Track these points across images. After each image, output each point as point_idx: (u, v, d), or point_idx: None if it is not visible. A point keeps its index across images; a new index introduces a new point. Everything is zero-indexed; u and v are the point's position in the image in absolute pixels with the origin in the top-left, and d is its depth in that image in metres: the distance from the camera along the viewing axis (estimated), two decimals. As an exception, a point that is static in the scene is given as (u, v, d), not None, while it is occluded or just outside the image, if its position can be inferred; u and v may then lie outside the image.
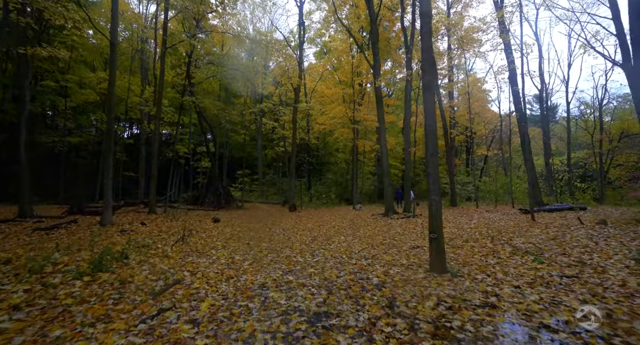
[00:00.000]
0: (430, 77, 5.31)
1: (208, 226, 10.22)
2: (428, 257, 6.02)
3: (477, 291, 4.00)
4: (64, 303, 3.03)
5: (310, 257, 6.03)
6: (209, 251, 6.15)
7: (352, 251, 6.62)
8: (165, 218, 11.53)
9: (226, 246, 6.82)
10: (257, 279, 4.51)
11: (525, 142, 14.15)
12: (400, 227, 10.37)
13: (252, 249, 6.70)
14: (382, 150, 13.06)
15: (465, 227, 9.63)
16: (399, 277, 4.71)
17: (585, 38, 16.90)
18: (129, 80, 19.74)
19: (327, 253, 6.43)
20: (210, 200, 19.37)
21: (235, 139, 31.44)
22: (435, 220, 5.10)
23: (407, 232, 9.11)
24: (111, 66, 8.70)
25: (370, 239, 8.23)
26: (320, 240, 8.03)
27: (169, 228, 9.20)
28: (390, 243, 7.50)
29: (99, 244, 6.25)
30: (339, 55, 19.51)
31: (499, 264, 5.20)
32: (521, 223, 9.31)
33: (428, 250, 5.86)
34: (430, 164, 5.20)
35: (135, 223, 9.67)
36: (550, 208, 12.44)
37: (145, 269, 4.44)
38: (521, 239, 6.85)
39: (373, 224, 11.33)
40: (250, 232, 9.32)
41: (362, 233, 9.29)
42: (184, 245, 6.56)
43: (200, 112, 18.65)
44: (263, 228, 10.24)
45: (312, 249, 6.93)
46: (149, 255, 5.31)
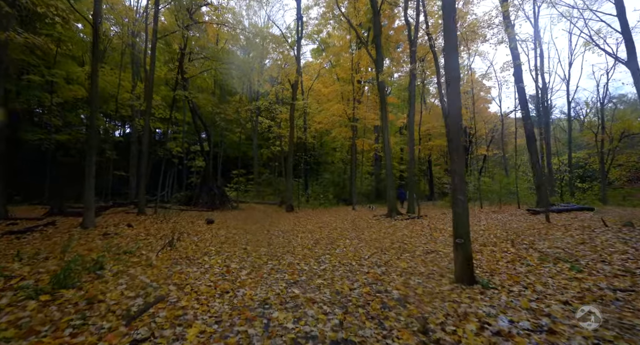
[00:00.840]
0: (456, 65, 4.64)
1: (201, 228, 9.43)
2: (447, 263, 5.37)
3: (520, 308, 3.33)
4: (2, 336, 2.27)
5: (315, 265, 5.31)
6: (201, 258, 5.39)
7: (361, 257, 5.91)
8: (155, 219, 10.70)
9: (220, 252, 6.07)
10: (257, 293, 3.78)
11: (531, 140, 13.60)
12: (406, 228, 9.70)
13: (250, 254, 5.96)
14: (385, 148, 12.40)
15: (477, 229, 9.00)
16: (422, 290, 4.02)
17: (589, 35, 16.45)
18: (120, 75, 18.77)
19: (333, 259, 5.72)
20: (204, 200, 18.53)
21: (230, 138, 30.60)
22: (461, 224, 4.43)
23: (416, 235, 8.44)
24: (94, 53, 7.88)
25: (378, 242, 7.54)
26: (324, 244, 7.31)
27: (157, 230, 8.40)
28: (400, 247, 6.82)
29: (75, 250, 5.45)
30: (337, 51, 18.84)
31: (532, 273, 4.54)
32: (536, 225, 8.70)
33: (446, 255, 5.20)
34: (454, 159, 4.53)
35: (121, 225, 8.84)
36: (558, 209, 11.89)
37: (123, 282, 3.68)
38: (545, 242, 6.22)
39: (377, 225, 10.64)
40: (247, 234, 8.56)
41: (367, 235, 8.60)
42: (173, 251, 5.79)
43: (194, 109, 17.81)
44: (260, 230, 9.49)
45: (316, 254, 6.21)
46: (129, 264, 4.53)
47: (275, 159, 32.16)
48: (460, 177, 4.48)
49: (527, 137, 13.83)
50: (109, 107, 22.29)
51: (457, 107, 4.65)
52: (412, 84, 13.02)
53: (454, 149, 4.55)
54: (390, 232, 9.25)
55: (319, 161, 31.83)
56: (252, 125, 27.66)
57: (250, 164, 29.83)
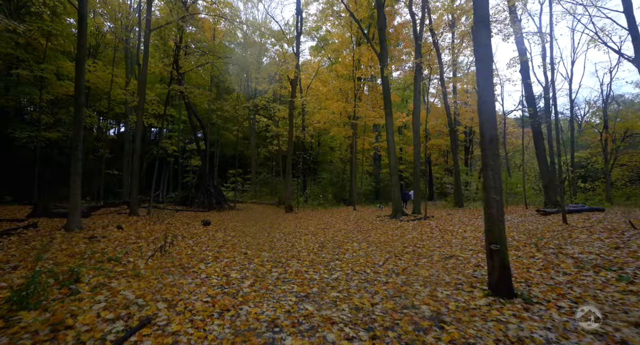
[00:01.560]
0: (487, 41, 4.05)
1: (197, 230, 8.76)
2: (472, 271, 4.78)
3: (584, 333, 2.74)
4: None
5: (326, 273, 4.69)
6: (197, 266, 4.74)
7: (375, 263, 5.31)
8: (147, 221, 10.00)
9: (218, 258, 5.42)
10: (264, 310, 3.15)
11: (539, 139, 13.13)
12: (414, 230, 9.12)
13: (251, 261, 5.32)
14: (389, 145, 11.80)
15: (489, 230, 8.41)
16: (454, 305, 3.42)
17: (595, 31, 16.03)
18: (112, 71, 17.98)
19: (345, 266, 5.10)
20: (201, 200, 17.81)
21: (227, 137, 29.86)
22: (496, 227, 3.83)
23: (427, 237, 7.86)
24: (79, 42, 7.17)
25: (388, 245, 6.94)
26: (331, 248, 6.69)
27: (149, 233, 7.71)
28: (414, 251, 6.22)
29: (53, 256, 4.78)
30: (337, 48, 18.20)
31: (574, 284, 3.96)
32: (553, 226, 8.16)
33: (467, 261, 4.50)
34: (488, 153, 3.93)
35: (110, 227, 8.14)
36: (568, 209, 11.38)
37: (101, 299, 3.02)
38: (574, 247, 5.66)
39: (382, 227, 10.05)
40: (247, 237, 7.91)
41: (374, 238, 8.00)
42: (165, 257, 5.13)
43: (189, 105, 17.09)
44: (261, 232, 8.84)
45: (324, 259, 5.59)
46: (112, 274, 3.86)
47: (272, 159, 31.49)
48: (495, 172, 3.89)
49: (534, 136, 13.35)
50: (101, 105, 21.49)
51: (489, 91, 4.06)
52: (417, 79, 12.45)
53: (488, 140, 3.95)
54: (398, 234, 8.66)
55: (317, 160, 31.22)
56: (250, 124, 26.95)
57: (247, 164, 29.12)
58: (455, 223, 10.04)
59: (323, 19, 20.49)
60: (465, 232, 8.41)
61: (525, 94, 13.50)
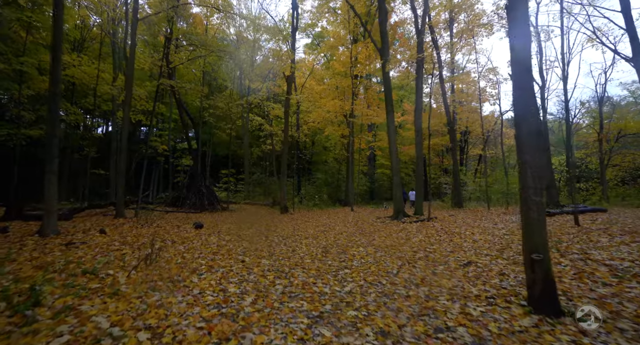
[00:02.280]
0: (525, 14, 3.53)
1: (188, 234, 8.06)
2: (498, 281, 4.23)
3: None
4: None
5: (337, 284, 4.09)
6: (188, 278, 4.08)
7: (388, 271, 4.74)
8: (135, 223, 9.24)
9: (213, 267, 4.77)
10: (272, 339, 2.54)
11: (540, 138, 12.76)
12: (419, 233, 8.60)
13: (251, 270, 4.69)
14: (391, 144, 11.28)
15: (497, 233, 7.97)
16: (495, 326, 2.87)
17: (593, 30, 15.85)
18: (99, 66, 17.02)
19: (356, 276, 4.52)
20: (192, 201, 17.01)
21: (220, 136, 29.02)
22: (537, 232, 3.30)
23: (435, 241, 7.34)
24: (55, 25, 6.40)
25: (396, 250, 6.39)
26: (335, 253, 6.11)
27: (135, 238, 6.99)
28: (427, 257, 5.69)
29: (18, 269, 4.06)
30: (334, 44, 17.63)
31: (621, 297, 3.46)
32: (565, 228, 7.76)
33: (487, 268, 3.93)
34: (527, 148, 3.41)
35: (92, 231, 7.38)
36: (572, 210, 11.04)
37: (64, 331, 2.36)
38: (600, 252, 5.20)
39: (385, 229, 9.51)
40: (243, 241, 7.26)
41: (379, 241, 7.45)
42: (151, 267, 4.45)
43: (180, 102, 16.29)
44: (258, 236, 8.19)
45: (331, 267, 5.00)
46: (85, 293, 3.18)
47: (266, 158, 30.74)
48: (535, 171, 3.36)
49: (535, 135, 13.01)
50: (87, 102, 20.45)
51: (526, 76, 3.54)
52: (419, 76, 11.96)
53: (525, 133, 3.42)
54: (403, 236, 8.13)
55: (312, 160, 30.62)
56: (243, 123, 26.19)
57: (240, 163, 28.34)
58: (461, 225, 9.57)
59: (319, 16, 19.92)
60: (473, 234, 7.93)
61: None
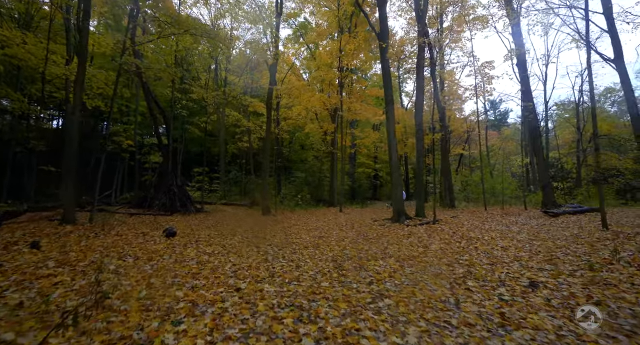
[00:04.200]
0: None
1: (157, 245, 6.27)
2: (607, 316, 3.07)
3: None
4: None
5: (390, 330, 2.67)
6: (158, 334, 2.47)
7: (443, 300, 3.41)
8: (86, 231, 7.24)
9: (196, 304, 3.16)
10: None
11: (536, 136, 12.23)
12: (433, 238, 7.40)
13: (253, 306, 3.15)
14: (390, 138, 10.04)
15: (519, 238, 6.95)
16: None
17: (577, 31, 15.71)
18: (48, 45, 14.32)
19: (405, 310, 3.13)
20: (162, 202, 14.85)
21: (193, 131, 26.58)
22: None
23: (460, 249, 6.14)
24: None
25: (423, 263, 5.10)
26: (353, 270, 4.70)
27: (82, 254, 5.13)
28: (471, 274, 4.43)
29: None
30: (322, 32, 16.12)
31: None
32: (595, 232, 6.89)
33: (556, 289, 2.88)
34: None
35: (20, 245, 5.40)
36: (571, 210, 10.48)
37: None
38: (680, 263, 4.22)
39: (389, 233, 8.24)
40: (230, 254, 5.64)
41: (394, 251, 6.13)
42: (98, 314, 2.78)
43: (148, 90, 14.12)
44: (246, 246, 6.58)
45: (361, 294, 3.58)
46: None
47: (242, 156, 28.62)
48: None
49: (531, 132, 12.44)
50: (37, 88, 17.43)
51: None
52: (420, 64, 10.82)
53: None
54: (416, 242, 6.90)
55: (290, 159, 29.02)
56: (219, 117, 24.04)
57: (214, 161, 26.08)
58: (471, 228, 8.53)
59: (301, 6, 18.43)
60: (494, 239, 6.87)
61: (522, 89, 12.55)
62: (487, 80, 13.48)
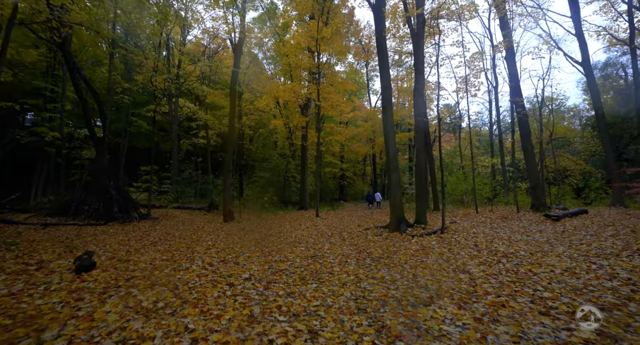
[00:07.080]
0: None
1: (49, 297, 3.57)
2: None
3: None
4: None
5: None
6: None
7: None
8: None
9: None
10: None
11: (526, 135, 11.34)
12: (458, 255, 5.64)
13: None
14: (388, 131, 8.19)
15: (559, 251, 5.51)
16: None
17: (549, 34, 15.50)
18: None
19: None
20: (93, 207, 11.39)
21: (140, 124, 22.48)
22: None
23: (513, 273, 4.41)
24: None
25: (497, 306, 3.21)
26: (412, 337, 2.62)
27: None
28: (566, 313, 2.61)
29: None
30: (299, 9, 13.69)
31: None
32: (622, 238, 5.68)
33: None
34: None
35: None
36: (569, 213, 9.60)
37: None
38: None
39: (399, 249, 6.32)
40: (187, 309, 3.21)
41: (432, 281, 4.20)
42: None
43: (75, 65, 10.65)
44: (210, 281, 4.15)
45: None
46: None
47: (198, 153, 25.01)
48: None
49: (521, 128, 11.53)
50: None
51: None
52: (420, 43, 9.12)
53: None
54: (445, 264, 5.06)
55: (255, 157, 26.20)
56: (171, 109, 20.48)
57: (165, 159, 22.28)
58: (489, 239, 6.94)
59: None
60: (532, 254, 5.32)
61: (511, 84, 11.62)
62: (475, 73, 12.42)
